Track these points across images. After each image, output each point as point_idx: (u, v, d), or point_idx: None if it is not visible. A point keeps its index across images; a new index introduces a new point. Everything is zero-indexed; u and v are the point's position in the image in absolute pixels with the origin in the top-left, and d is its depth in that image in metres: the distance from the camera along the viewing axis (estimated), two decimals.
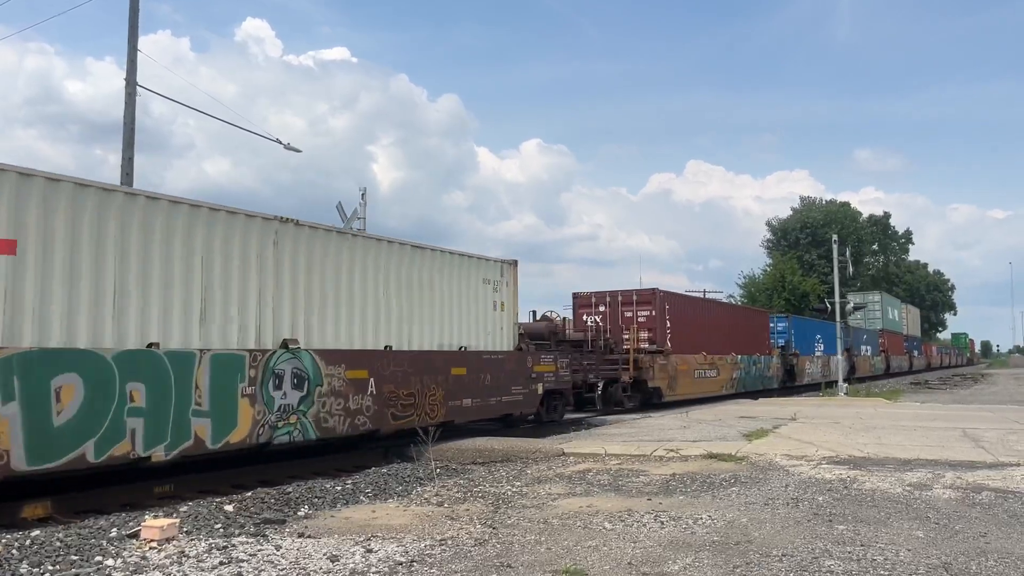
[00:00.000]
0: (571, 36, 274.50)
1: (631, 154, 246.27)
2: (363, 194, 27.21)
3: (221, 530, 7.81)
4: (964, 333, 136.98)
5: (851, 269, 47.74)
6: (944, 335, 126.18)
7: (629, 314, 25.31)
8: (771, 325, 38.14)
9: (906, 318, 68.98)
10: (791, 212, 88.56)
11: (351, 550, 6.87)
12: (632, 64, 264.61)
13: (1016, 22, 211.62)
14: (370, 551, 6.83)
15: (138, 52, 17.92)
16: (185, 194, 11.06)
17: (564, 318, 22.88)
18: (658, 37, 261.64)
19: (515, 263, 17.45)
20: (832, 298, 34.68)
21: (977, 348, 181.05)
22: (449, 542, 7.15)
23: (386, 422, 13.06)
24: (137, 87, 17.80)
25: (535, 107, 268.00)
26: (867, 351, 50.60)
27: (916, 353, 73.52)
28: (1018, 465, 11.12)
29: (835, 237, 37.22)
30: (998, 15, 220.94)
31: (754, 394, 31.11)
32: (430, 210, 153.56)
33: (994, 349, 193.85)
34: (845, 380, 35.00)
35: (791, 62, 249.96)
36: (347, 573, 6.19)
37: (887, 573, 6.00)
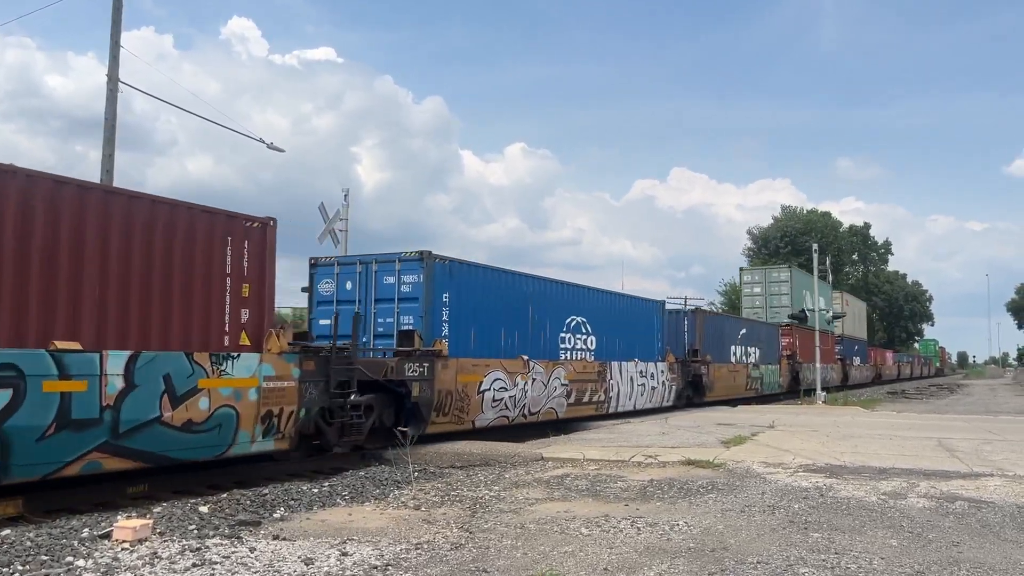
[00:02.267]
0: (558, 38, 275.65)
1: (615, 159, 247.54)
2: (346, 195, 27.16)
3: (195, 531, 7.73)
4: (934, 340, 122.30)
5: (831, 278, 47.04)
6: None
7: None
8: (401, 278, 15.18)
9: (841, 311, 51.53)
10: (772, 221, 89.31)
11: (326, 553, 6.83)
12: (617, 68, 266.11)
13: (996, 35, 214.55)
14: (345, 554, 6.79)
15: (120, 48, 17.78)
16: (167, 192, 10.10)
17: None
18: (644, 41, 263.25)
19: None
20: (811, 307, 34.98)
21: (954, 359, 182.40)
22: (425, 546, 7.12)
23: None
24: (119, 83, 17.65)
25: (520, 110, 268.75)
26: (748, 356, 31.57)
27: (857, 361, 55.47)
28: (991, 475, 11.22)
29: (815, 246, 37.48)
30: (979, 27, 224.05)
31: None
32: (414, 212, 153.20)
33: (971, 360, 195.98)
34: (677, 402, 24.69)
35: (775, 70, 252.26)
36: None
37: None
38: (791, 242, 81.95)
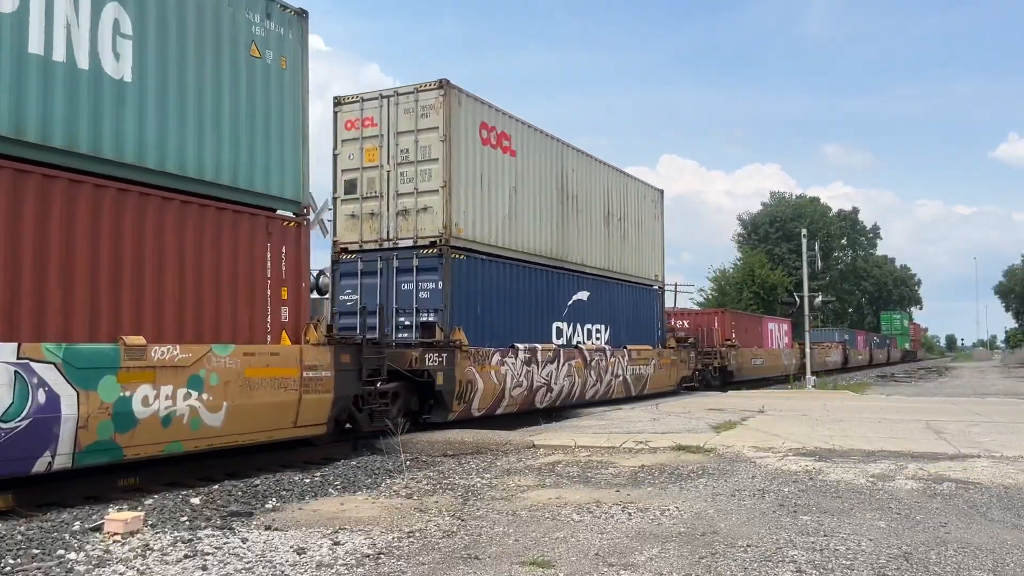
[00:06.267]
0: (547, 27, 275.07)
1: (604, 147, 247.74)
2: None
3: (187, 523, 7.74)
4: (904, 314, 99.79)
5: (820, 263, 47.02)
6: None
7: None
8: None
9: (632, 245, 23.52)
10: (762, 207, 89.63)
11: (318, 542, 6.84)
12: (607, 56, 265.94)
13: (983, 22, 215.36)
14: (337, 543, 6.81)
15: None
16: None
17: None
18: (634, 30, 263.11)
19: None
20: (800, 291, 35.17)
21: (942, 342, 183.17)
22: (417, 534, 7.15)
23: None
24: None
25: (509, 98, 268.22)
26: None
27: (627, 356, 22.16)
28: (979, 457, 11.33)
29: (804, 231, 37.62)
30: (966, 15, 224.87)
31: None
32: None
33: (959, 343, 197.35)
34: None
35: (764, 57, 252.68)
36: (314, 566, 6.16)
37: (849, 563, 6.10)
38: (781, 227, 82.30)
